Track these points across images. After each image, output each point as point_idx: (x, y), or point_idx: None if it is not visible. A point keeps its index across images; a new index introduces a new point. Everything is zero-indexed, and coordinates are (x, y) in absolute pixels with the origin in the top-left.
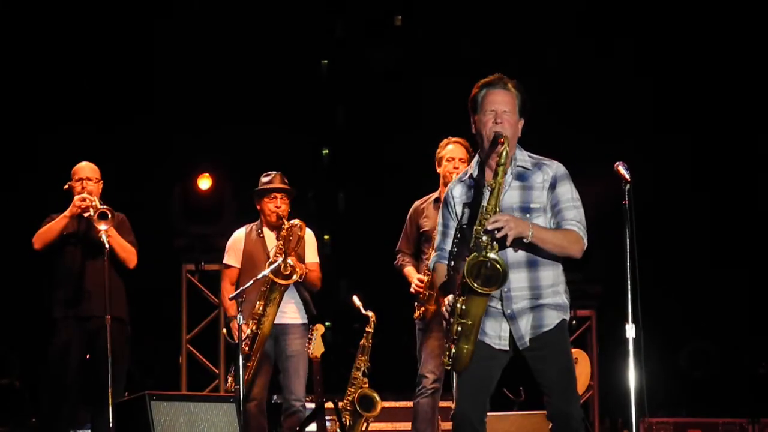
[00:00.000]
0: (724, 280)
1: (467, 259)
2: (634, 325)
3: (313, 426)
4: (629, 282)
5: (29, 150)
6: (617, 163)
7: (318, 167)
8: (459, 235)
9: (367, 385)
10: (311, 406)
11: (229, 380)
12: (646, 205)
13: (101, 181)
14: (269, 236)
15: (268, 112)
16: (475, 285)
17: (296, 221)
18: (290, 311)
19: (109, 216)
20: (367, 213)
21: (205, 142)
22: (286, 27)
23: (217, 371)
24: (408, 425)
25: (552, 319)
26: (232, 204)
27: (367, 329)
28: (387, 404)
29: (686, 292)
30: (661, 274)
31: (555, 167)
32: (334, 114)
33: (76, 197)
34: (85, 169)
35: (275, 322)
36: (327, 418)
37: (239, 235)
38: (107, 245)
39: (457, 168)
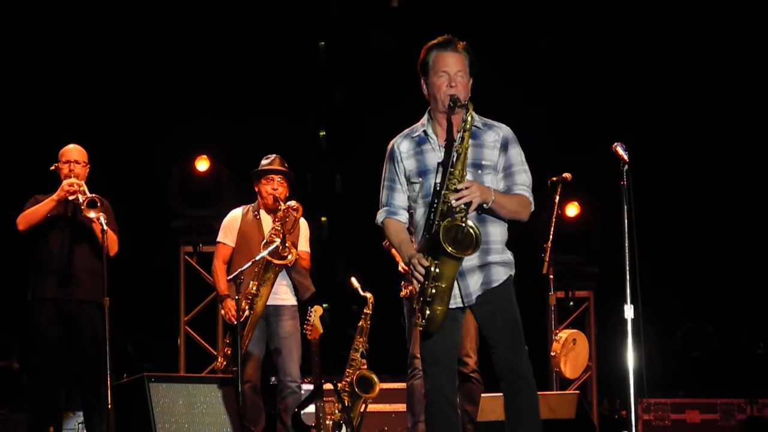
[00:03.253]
0: (721, 260)
1: (442, 223)
2: (632, 306)
3: (311, 407)
4: (627, 263)
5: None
6: (615, 143)
7: (315, 149)
8: (411, 191)
9: (365, 367)
10: (309, 387)
11: (220, 359)
12: (644, 185)
13: (88, 165)
14: (265, 218)
15: (265, 95)
16: (450, 249)
17: (293, 203)
18: (282, 292)
19: (99, 204)
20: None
21: (203, 124)
22: (282, 9)
23: (215, 353)
24: (405, 406)
25: (500, 275)
26: (230, 186)
27: (365, 311)
28: (385, 385)
29: (683, 273)
30: (657, 254)
31: (505, 129)
32: (331, 96)
33: (65, 182)
34: (73, 151)
35: (267, 303)
36: (326, 399)
37: (235, 214)
38: (105, 227)
39: None
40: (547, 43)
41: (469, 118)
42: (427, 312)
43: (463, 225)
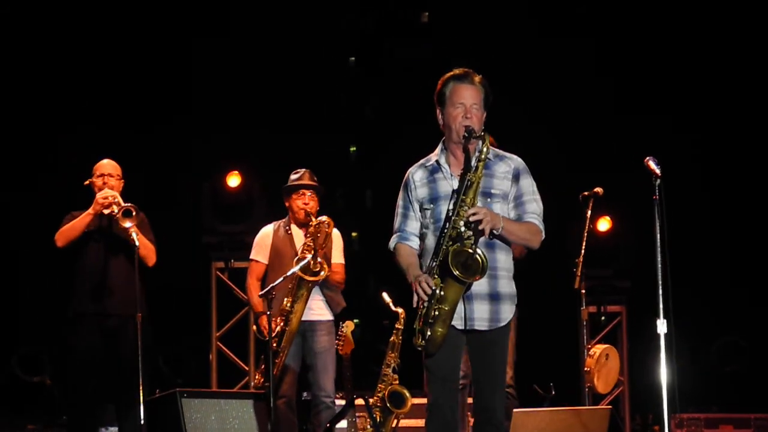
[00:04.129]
0: (755, 274)
1: (451, 248)
2: (665, 321)
3: (343, 423)
4: (660, 277)
5: (62, 147)
6: (647, 157)
7: (346, 164)
8: (423, 218)
9: (397, 382)
10: (341, 402)
11: (257, 376)
12: (675, 199)
13: (122, 180)
14: (297, 233)
15: (296, 110)
16: (458, 273)
17: (324, 218)
18: (317, 308)
19: (133, 213)
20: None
21: (234, 139)
22: (313, 24)
23: (247, 368)
24: None
25: (507, 314)
26: (262, 201)
27: (396, 326)
28: (417, 401)
29: (716, 286)
30: (690, 268)
31: (517, 161)
32: (361, 111)
33: (99, 194)
34: (107, 166)
35: (303, 318)
36: (357, 414)
37: (267, 231)
38: (137, 242)
39: None
40: (574, 57)
41: (485, 149)
42: (428, 333)
43: (472, 251)
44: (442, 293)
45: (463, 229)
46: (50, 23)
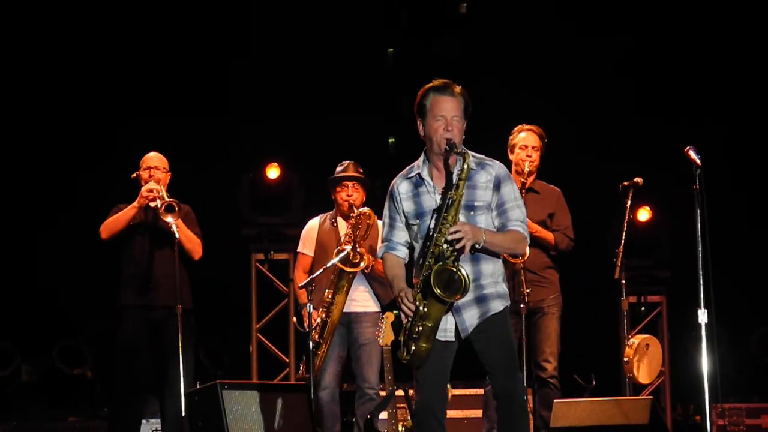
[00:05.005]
0: None
1: (433, 267)
2: (706, 311)
3: (384, 414)
4: (701, 267)
5: (95, 143)
6: (687, 147)
7: (385, 156)
8: (410, 231)
9: None
10: (383, 394)
11: (301, 368)
12: (715, 188)
13: (169, 173)
14: (342, 225)
15: (335, 102)
16: (438, 291)
17: (365, 209)
18: (361, 299)
19: (176, 209)
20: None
21: (273, 131)
22: (351, 16)
23: (287, 360)
24: (479, 413)
25: (497, 306)
26: (301, 193)
27: None
28: (458, 392)
29: (757, 276)
30: (731, 257)
31: (497, 167)
32: (399, 103)
33: (144, 188)
34: (153, 158)
35: (346, 310)
36: (398, 405)
37: (313, 224)
38: (177, 236)
39: (530, 156)
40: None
41: (466, 167)
42: (412, 347)
43: (455, 269)
44: (425, 309)
45: (445, 246)
46: (95, 11)
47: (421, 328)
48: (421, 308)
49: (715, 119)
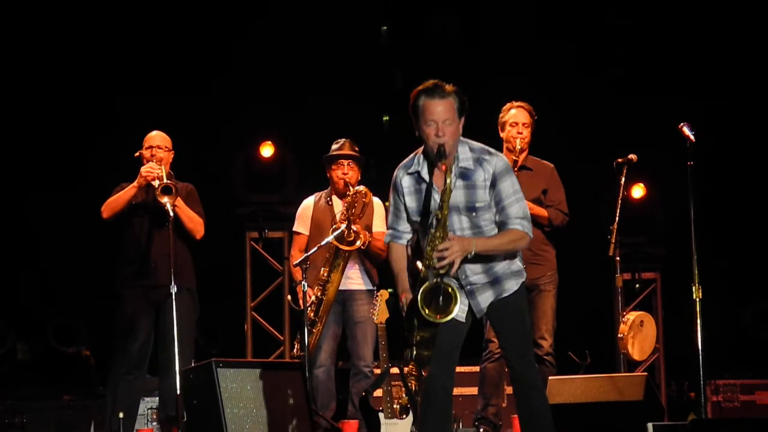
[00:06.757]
0: None
1: (422, 287)
2: (700, 287)
3: (379, 391)
4: (694, 243)
5: (94, 122)
6: (681, 123)
7: (379, 134)
8: (414, 224)
9: None
10: (378, 371)
11: (296, 346)
12: (709, 165)
13: (172, 152)
14: (337, 204)
15: (329, 80)
16: (427, 312)
17: (361, 187)
18: (356, 277)
19: (173, 191)
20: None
21: (267, 109)
22: None
23: (282, 338)
24: (474, 390)
25: (511, 286)
26: (295, 171)
27: None
28: (458, 369)
29: (752, 251)
30: (727, 234)
31: (494, 162)
32: (393, 81)
33: (143, 168)
34: (156, 137)
35: (341, 288)
36: (393, 383)
37: (308, 202)
38: (171, 214)
39: (521, 133)
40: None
41: (449, 181)
42: (414, 353)
43: (440, 285)
44: (422, 330)
45: (436, 261)
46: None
47: (419, 338)
48: (415, 323)
49: (711, 95)
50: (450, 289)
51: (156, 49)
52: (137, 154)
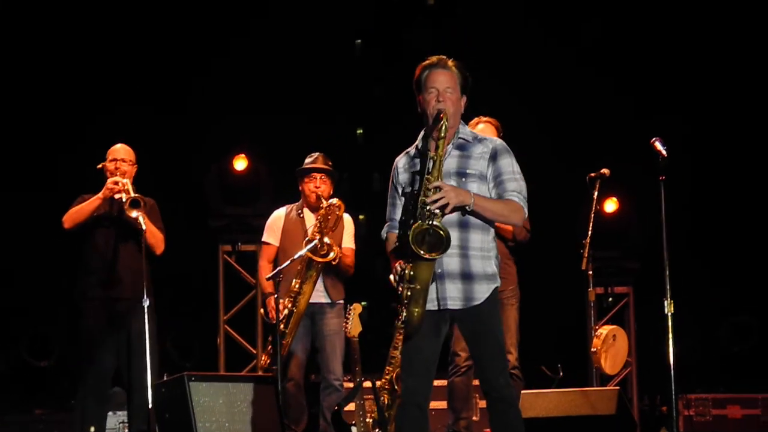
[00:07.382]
0: (765, 254)
1: (413, 227)
2: (672, 301)
3: (351, 405)
4: (666, 257)
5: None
6: (653, 138)
7: (353, 147)
8: (404, 203)
9: None
10: (349, 385)
11: (264, 358)
12: (684, 179)
13: (136, 165)
14: (309, 217)
15: (303, 93)
16: (421, 251)
17: (335, 200)
18: (324, 291)
19: (141, 204)
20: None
21: (241, 122)
22: (320, 7)
23: (254, 351)
24: (443, 404)
25: (482, 293)
26: (269, 184)
27: None
28: None
29: (725, 266)
30: (700, 248)
31: (496, 142)
32: (368, 94)
33: (110, 180)
34: (120, 150)
35: (311, 300)
36: (365, 397)
37: (279, 213)
38: (144, 226)
39: None
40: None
41: (443, 127)
42: (404, 314)
43: (430, 227)
44: (411, 273)
45: (428, 206)
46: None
47: (409, 292)
48: (406, 272)
49: (683, 111)
50: (440, 229)
51: (130, 61)
52: (100, 166)
